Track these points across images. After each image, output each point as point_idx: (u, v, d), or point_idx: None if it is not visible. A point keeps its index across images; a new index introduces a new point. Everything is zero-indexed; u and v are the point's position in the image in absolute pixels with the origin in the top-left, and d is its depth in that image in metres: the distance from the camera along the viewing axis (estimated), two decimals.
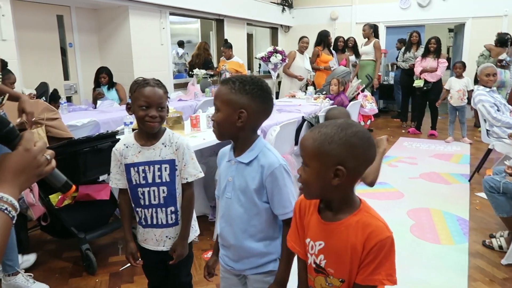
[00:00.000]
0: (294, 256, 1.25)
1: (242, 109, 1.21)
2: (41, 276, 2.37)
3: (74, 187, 0.92)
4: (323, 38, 6.32)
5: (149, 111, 1.48)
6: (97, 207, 2.56)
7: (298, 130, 3.46)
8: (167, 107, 1.58)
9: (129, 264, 2.44)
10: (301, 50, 6.01)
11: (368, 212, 1.03)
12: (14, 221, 0.74)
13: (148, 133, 1.55)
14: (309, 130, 1.04)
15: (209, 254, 2.66)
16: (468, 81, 5.61)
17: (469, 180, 4.09)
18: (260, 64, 8.39)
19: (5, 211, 0.71)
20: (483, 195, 3.67)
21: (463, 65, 5.73)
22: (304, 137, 1.02)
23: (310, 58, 6.41)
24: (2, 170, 0.75)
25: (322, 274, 1.08)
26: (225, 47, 6.09)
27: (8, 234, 0.72)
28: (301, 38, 6.16)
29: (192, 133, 2.96)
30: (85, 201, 2.48)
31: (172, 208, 1.60)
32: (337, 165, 0.95)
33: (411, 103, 6.98)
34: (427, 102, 6.26)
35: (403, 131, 6.66)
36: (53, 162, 0.82)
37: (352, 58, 6.99)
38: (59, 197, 2.45)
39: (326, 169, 0.96)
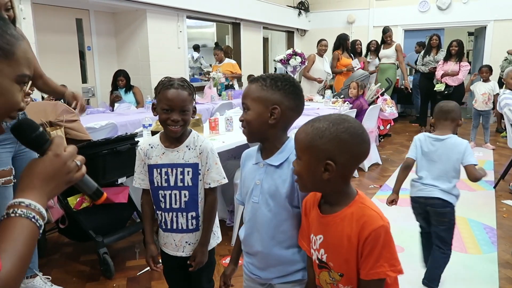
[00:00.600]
0: None
1: (275, 105, 1.16)
2: (58, 279, 2.35)
3: (105, 194, 0.87)
4: (342, 42, 6.23)
5: (172, 115, 1.43)
6: (115, 210, 2.53)
7: None
8: (194, 108, 1.53)
9: (147, 269, 2.43)
10: (320, 53, 5.94)
11: (363, 203, 1.03)
12: (41, 230, 0.70)
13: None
14: (305, 123, 1.05)
15: (227, 260, 2.60)
16: (494, 85, 5.46)
17: (495, 187, 3.96)
18: (275, 68, 8.34)
19: (33, 220, 0.68)
20: (510, 202, 3.55)
21: (490, 69, 5.59)
22: (298, 131, 1.04)
23: (330, 61, 6.33)
24: (31, 177, 0.72)
25: (325, 269, 1.09)
26: (217, 49, 6.02)
27: (35, 244, 0.69)
28: (319, 41, 6.08)
29: (211, 135, 2.92)
30: (103, 204, 2.45)
31: (193, 214, 1.55)
32: (326, 160, 0.97)
33: (431, 108, 6.83)
34: None
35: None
36: (84, 168, 0.79)
37: (376, 61, 6.87)
38: (78, 199, 2.43)
39: (317, 163, 0.98)
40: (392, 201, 2.33)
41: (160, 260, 1.62)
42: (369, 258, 0.98)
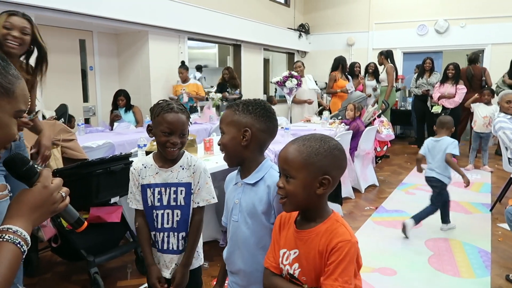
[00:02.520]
0: None
1: (247, 128, 1.24)
2: None
3: (86, 223, 0.95)
4: (342, 63, 6.30)
5: (171, 138, 1.48)
6: (108, 229, 2.55)
7: None
8: (188, 131, 1.58)
9: None
10: (300, 75, 5.99)
11: (337, 220, 1.08)
12: (24, 256, 0.76)
13: None
14: (291, 142, 1.09)
15: None
16: (496, 108, 5.47)
17: (491, 210, 3.94)
18: (276, 89, 8.44)
19: (18, 245, 0.74)
20: (505, 226, 3.52)
21: (492, 92, 5.63)
22: (287, 151, 1.07)
23: (326, 83, 6.42)
24: (20, 205, 0.79)
25: (296, 284, 1.11)
26: (183, 68, 5.67)
27: (17, 268, 0.75)
28: (294, 64, 6.20)
29: (205, 156, 2.95)
30: (96, 223, 2.47)
31: (183, 234, 1.58)
32: (323, 175, 1.03)
33: (427, 129, 6.86)
34: None
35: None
36: (67, 199, 0.87)
37: (373, 82, 6.96)
38: None
39: (313, 179, 1.03)
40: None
41: (147, 283, 1.63)
42: (328, 268, 1.01)
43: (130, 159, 2.59)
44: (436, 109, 6.04)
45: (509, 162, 3.76)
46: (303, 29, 9.20)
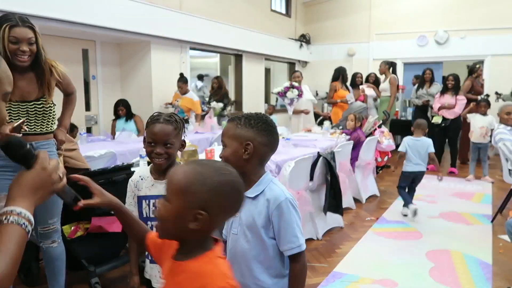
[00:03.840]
0: None
1: (248, 141, 1.26)
2: None
3: (82, 201, 1.01)
4: (342, 73, 6.33)
5: (155, 148, 1.51)
6: (109, 239, 2.55)
7: (314, 166, 3.43)
8: (184, 142, 1.59)
9: None
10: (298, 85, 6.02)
11: (211, 259, 0.91)
12: (29, 235, 0.79)
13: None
14: (184, 163, 0.96)
15: None
16: (492, 119, 5.50)
17: (492, 221, 3.94)
18: (277, 98, 8.49)
19: (23, 226, 0.77)
20: (506, 237, 3.52)
21: (488, 103, 5.66)
22: (175, 170, 0.92)
23: (327, 92, 6.46)
24: (22, 187, 0.81)
25: None
26: (182, 82, 5.56)
27: (23, 248, 0.78)
28: (292, 74, 6.24)
29: None
30: (97, 233, 2.48)
31: None
32: (199, 209, 0.86)
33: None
34: (446, 139, 6.18)
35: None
36: (65, 179, 0.90)
37: (374, 92, 6.99)
38: (72, 228, 2.46)
39: (188, 210, 0.86)
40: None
41: None
42: None
43: (132, 169, 2.61)
44: (437, 120, 6.07)
45: (510, 173, 3.77)
46: (304, 40, 9.27)
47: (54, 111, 2.20)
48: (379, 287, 2.65)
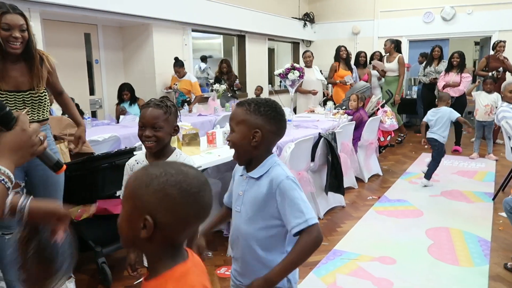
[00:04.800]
0: (300, 263, 1.26)
1: (257, 129, 1.26)
2: None
3: (64, 166, 1.01)
4: (336, 53, 6.33)
5: (144, 131, 1.56)
6: (114, 221, 2.59)
7: (315, 147, 3.46)
8: (177, 127, 1.63)
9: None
10: (307, 65, 5.99)
11: (169, 281, 0.80)
12: (9, 192, 0.84)
13: (155, 152, 1.60)
14: (148, 165, 0.89)
15: (222, 269, 2.68)
16: (497, 97, 5.45)
17: (493, 199, 3.97)
18: (280, 79, 8.46)
19: (2, 182, 0.81)
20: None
21: (494, 81, 5.60)
22: (135, 175, 0.83)
23: (328, 72, 6.43)
24: (1, 146, 0.84)
25: None
26: (177, 66, 5.49)
27: (4, 202, 0.84)
28: (304, 53, 6.20)
29: (208, 149, 3.01)
30: (102, 215, 2.55)
31: None
32: (145, 215, 0.77)
33: None
34: None
35: (426, 146, 6.51)
36: (46, 143, 0.92)
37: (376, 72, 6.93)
38: (78, 211, 2.54)
39: (136, 216, 0.78)
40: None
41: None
42: None
43: (135, 153, 2.66)
44: None
45: None
46: (307, 18, 9.14)
47: (47, 99, 2.24)
48: (377, 264, 2.71)
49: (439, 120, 4.32)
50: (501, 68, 6.21)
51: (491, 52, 6.61)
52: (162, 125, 1.57)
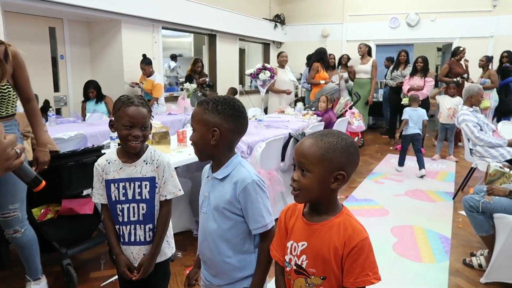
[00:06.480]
0: (270, 267, 1.32)
1: (215, 128, 1.27)
2: None
3: (44, 182, 0.91)
4: (322, 56, 6.28)
5: (133, 131, 1.50)
6: (80, 221, 2.56)
7: (285, 147, 3.50)
8: (151, 125, 1.61)
9: (110, 280, 2.46)
10: (282, 65, 6.05)
11: (349, 215, 1.13)
12: None
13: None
14: (308, 137, 1.12)
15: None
16: (460, 100, 5.69)
17: (453, 198, 4.15)
18: (251, 80, 8.49)
19: None
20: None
21: (457, 85, 5.85)
22: (305, 145, 1.10)
23: (301, 73, 6.50)
24: None
25: (302, 275, 1.14)
26: (144, 63, 5.39)
27: None
28: (279, 53, 6.25)
29: (178, 148, 2.98)
30: (68, 215, 2.48)
31: (150, 225, 1.62)
32: (339, 171, 1.07)
33: (399, 120, 7.08)
34: None
35: (391, 148, 6.73)
36: (23, 156, 0.82)
37: (346, 74, 7.08)
38: (42, 211, 2.45)
39: (329, 174, 1.06)
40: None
41: (116, 273, 1.66)
42: (355, 267, 1.06)
43: (103, 151, 2.60)
44: (405, 101, 6.23)
45: (471, 153, 3.96)
46: (278, 20, 9.23)
47: (14, 94, 2.14)
48: None
49: (418, 118, 4.99)
50: (465, 75, 6.51)
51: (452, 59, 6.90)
52: (148, 124, 1.56)
